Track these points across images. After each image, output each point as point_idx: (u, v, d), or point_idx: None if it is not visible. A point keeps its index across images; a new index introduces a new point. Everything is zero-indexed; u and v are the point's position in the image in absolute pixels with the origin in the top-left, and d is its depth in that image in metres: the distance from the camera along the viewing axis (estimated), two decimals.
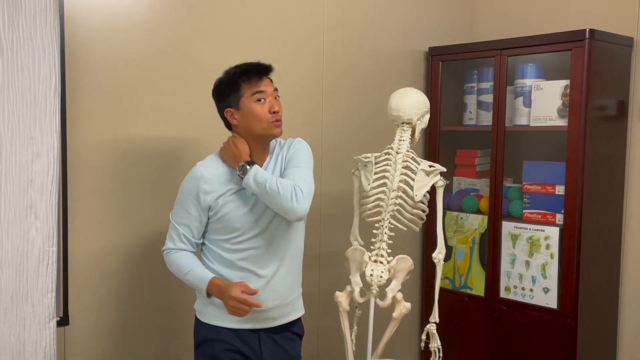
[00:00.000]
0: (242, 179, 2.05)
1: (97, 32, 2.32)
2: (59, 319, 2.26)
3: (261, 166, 2.14)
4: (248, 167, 2.04)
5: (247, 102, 2.07)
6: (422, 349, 2.73)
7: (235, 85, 2.08)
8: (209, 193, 2.07)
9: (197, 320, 2.20)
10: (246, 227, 2.10)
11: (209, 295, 2.09)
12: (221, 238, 2.12)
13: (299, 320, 2.28)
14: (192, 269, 2.09)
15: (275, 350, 2.18)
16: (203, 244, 2.18)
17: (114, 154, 2.40)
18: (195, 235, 2.13)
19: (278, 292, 2.15)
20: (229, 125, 2.16)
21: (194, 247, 2.15)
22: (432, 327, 2.59)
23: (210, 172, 2.10)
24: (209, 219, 2.12)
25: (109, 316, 2.43)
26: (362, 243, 2.60)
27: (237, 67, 2.11)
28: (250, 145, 2.12)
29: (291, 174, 2.09)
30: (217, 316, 2.13)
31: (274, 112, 2.08)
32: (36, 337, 2.14)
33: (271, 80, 2.14)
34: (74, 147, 2.29)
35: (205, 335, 2.15)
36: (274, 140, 2.21)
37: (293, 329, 2.25)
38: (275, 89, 2.13)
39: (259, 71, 2.09)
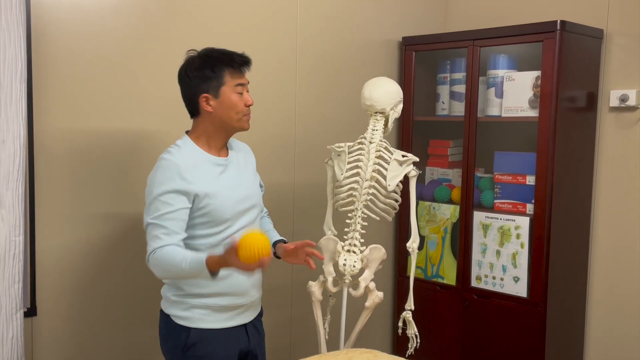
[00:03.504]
0: None
1: (64, 16, 2.27)
2: (26, 309, 2.23)
3: (226, 155, 2.11)
4: None
5: (228, 91, 2.01)
6: (400, 335, 2.76)
7: (220, 71, 2.00)
8: (192, 183, 1.95)
9: (177, 326, 2.05)
10: (234, 218, 2.04)
11: (213, 274, 1.86)
12: (205, 233, 2.01)
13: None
14: (185, 256, 1.88)
15: (255, 334, 2.20)
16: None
17: (83, 142, 2.35)
18: (182, 228, 1.95)
19: (259, 282, 2.19)
20: (193, 111, 2.06)
21: (181, 243, 1.95)
22: (408, 315, 2.62)
23: (187, 160, 1.98)
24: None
25: (77, 307, 2.39)
26: (336, 233, 2.61)
27: (222, 52, 2.03)
28: (217, 136, 2.07)
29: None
30: (203, 319, 2.05)
31: (248, 106, 2.06)
32: (3, 328, 2.10)
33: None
34: (40, 134, 2.24)
35: (195, 337, 2.03)
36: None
37: (260, 312, 2.28)
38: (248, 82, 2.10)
39: (241, 63, 2.04)
